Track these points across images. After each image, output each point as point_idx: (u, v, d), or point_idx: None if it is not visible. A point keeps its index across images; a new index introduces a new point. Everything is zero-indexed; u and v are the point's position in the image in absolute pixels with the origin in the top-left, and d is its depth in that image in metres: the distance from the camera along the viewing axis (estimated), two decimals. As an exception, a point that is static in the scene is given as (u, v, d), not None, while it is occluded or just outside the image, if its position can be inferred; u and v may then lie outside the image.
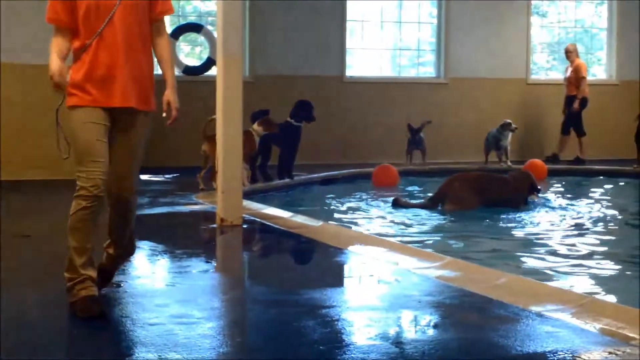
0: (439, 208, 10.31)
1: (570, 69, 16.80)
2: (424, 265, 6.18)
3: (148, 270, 6.58)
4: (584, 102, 16.62)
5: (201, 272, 6.41)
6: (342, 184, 13.47)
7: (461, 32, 17.35)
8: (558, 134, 16.98)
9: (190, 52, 17.16)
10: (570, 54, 16.84)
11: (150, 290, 5.72)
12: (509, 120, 15.33)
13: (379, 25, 17.58)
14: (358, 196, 11.89)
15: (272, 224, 8.54)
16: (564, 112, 16.85)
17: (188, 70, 15.51)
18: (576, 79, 16.59)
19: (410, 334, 4.74)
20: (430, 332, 4.71)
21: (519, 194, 10.67)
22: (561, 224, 9.53)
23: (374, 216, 10.00)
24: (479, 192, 10.42)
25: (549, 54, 19.36)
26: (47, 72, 4.73)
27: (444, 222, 9.67)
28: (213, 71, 13.38)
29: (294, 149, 12.58)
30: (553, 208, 10.89)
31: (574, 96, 16.62)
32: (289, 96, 15.29)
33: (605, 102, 18.19)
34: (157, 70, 4.98)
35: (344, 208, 10.75)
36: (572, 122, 16.67)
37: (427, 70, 17.79)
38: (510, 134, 15.38)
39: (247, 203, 9.18)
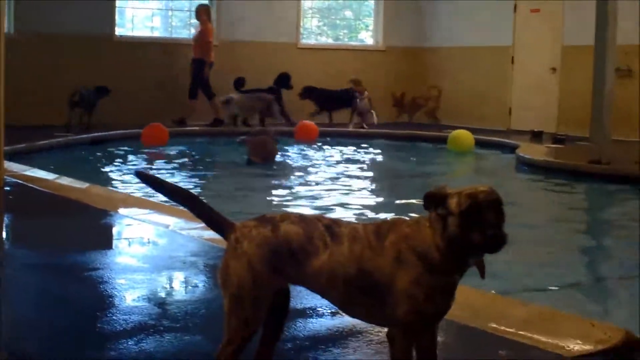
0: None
1: (197, 31, 16.21)
2: (189, 226, 6.18)
3: None
4: (207, 65, 16.01)
5: (-43, 237, 6.13)
6: (112, 144, 13.23)
7: (233, -6, 17.36)
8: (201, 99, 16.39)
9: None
10: (200, 15, 16.15)
11: None
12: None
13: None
14: (127, 157, 11.72)
15: (36, 187, 8.25)
16: (192, 73, 16.19)
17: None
18: (204, 42, 16.00)
19: (174, 294, 4.74)
20: (195, 292, 4.72)
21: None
22: (325, 184, 9.83)
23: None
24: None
25: (320, 20, 19.72)
26: None
27: (213, 182, 9.73)
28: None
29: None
30: (315, 168, 11.21)
31: (200, 59, 16.00)
32: (56, 55, 14.86)
33: (372, 68, 18.76)
34: None
35: (112, 169, 10.57)
36: (201, 86, 16.08)
37: (199, 31, 17.69)
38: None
39: (8, 164, 8.83)
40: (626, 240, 7.68)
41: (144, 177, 3.18)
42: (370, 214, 8.26)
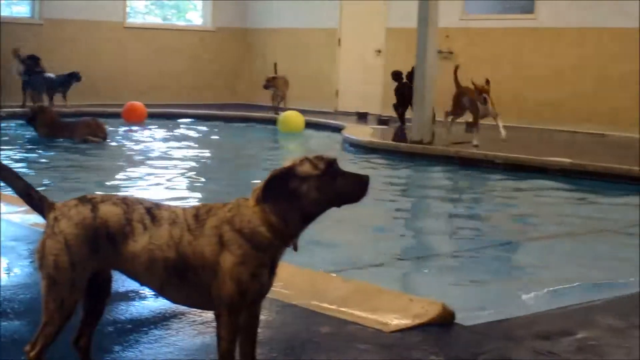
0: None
1: None
2: (9, 210, 6.00)
3: None
4: None
5: None
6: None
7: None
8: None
9: None
10: None
11: None
12: None
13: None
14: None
15: None
16: None
17: None
18: None
19: (-9, 280, 4.61)
20: (14, 277, 4.61)
21: None
22: (154, 165, 9.79)
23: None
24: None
25: (147, -1, 19.47)
26: None
27: (38, 163, 9.50)
28: None
29: None
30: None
31: None
32: None
33: (202, 48, 18.65)
34: None
35: None
36: None
37: (21, 10, 17.10)
38: None
39: None
40: (443, 217, 7.97)
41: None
42: (200, 195, 8.25)
